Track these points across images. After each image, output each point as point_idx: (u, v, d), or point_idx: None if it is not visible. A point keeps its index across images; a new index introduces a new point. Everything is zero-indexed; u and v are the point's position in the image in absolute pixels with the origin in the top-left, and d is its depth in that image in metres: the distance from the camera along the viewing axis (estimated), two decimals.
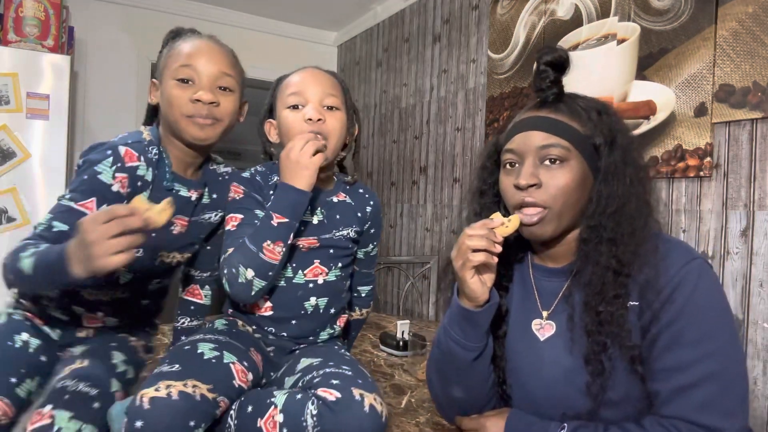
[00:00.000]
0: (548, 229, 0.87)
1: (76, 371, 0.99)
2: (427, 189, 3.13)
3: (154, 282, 1.21)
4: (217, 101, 1.08)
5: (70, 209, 1.05)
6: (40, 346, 1.12)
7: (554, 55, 0.88)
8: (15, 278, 0.97)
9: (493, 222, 0.85)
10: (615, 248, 0.83)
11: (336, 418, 0.87)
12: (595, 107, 0.90)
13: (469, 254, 0.83)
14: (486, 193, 0.98)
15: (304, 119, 1.11)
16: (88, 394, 0.94)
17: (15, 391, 1.03)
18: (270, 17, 3.90)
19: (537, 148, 0.86)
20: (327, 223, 1.18)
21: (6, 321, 1.15)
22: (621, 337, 0.82)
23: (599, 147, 0.86)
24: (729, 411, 0.78)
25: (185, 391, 0.86)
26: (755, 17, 1.60)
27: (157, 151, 1.12)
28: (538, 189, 0.85)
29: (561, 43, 2.25)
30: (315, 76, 1.16)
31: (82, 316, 1.16)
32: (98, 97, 3.42)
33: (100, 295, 1.14)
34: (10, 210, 2.65)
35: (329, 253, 1.18)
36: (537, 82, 0.90)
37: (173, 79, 1.08)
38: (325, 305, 1.17)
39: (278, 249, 1.03)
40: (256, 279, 1.03)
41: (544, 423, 0.89)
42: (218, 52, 1.12)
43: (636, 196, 0.85)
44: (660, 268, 0.81)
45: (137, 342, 1.21)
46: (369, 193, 1.28)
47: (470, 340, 0.90)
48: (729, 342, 0.81)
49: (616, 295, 0.82)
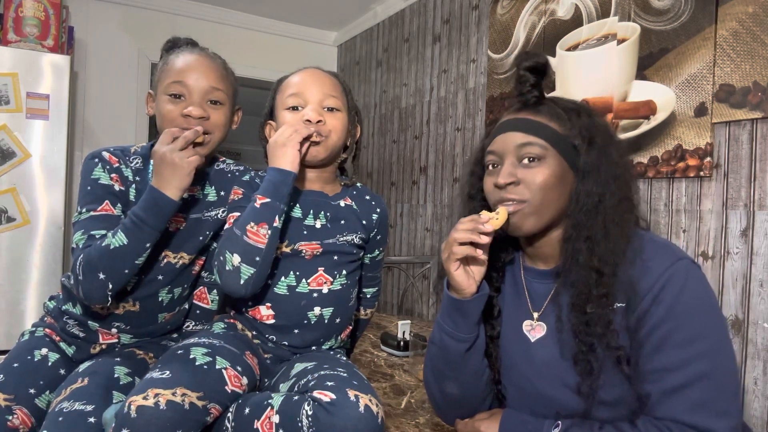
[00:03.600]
0: (528, 222, 0.88)
1: (75, 391, 1.02)
2: (427, 189, 3.13)
3: (164, 291, 1.19)
4: (207, 115, 1.13)
5: (94, 217, 1.10)
6: (58, 360, 1.17)
7: (533, 60, 0.90)
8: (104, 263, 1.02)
9: (482, 218, 0.87)
10: (593, 246, 0.84)
11: (331, 419, 0.86)
12: (574, 108, 0.92)
13: (454, 247, 0.86)
14: (474, 197, 1.00)
15: (302, 120, 1.10)
16: (83, 411, 0.98)
17: (34, 402, 1.08)
18: (270, 17, 3.90)
19: (515, 147, 0.88)
20: (331, 228, 1.15)
21: (28, 338, 1.21)
22: (607, 337, 0.82)
23: (578, 146, 0.88)
24: (721, 411, 0.78)
25: (173, 400, 0.86)
26: (755, 17, 1.60)
27: (141, 162, 1.18)
28: (517, 186, 0.87)
29: (561, 43, 2.25)
30: (315, 77, 1.15)
31: (98, 331, 1.18)
32: (98, 96, 3.42)
33: (112, 308, 1.15)
34: (10, 210, 2.65)
35: (333, 260, 1.15)
36: (518, 87, 0.93)
37: (165, 95, 1.13)
38: (330, 315, 1.14)
39: (262, 231, 1.01)
40: (243, 265, 1.00)
41: (538, 421, 0.89)
42: (208, 67, 1.16)
43: (612, 193, 0.86)
44: (645, 268, 0.82)
45: (145, 354, 1.21)
46: (376, 200, 1.25)
47: (461, 330, 0.91)
48: (719, 341, 0.81)
49: (600, 295, 0.83)
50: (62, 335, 1.21)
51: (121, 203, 1.13)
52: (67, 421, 0.96)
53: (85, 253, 1.04)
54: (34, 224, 2.70)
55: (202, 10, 3.71)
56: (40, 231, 2.72)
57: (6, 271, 2.66)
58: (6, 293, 2.65)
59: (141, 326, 1.21)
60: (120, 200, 1.13)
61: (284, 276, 1.11)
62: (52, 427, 0.95)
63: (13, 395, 1.06)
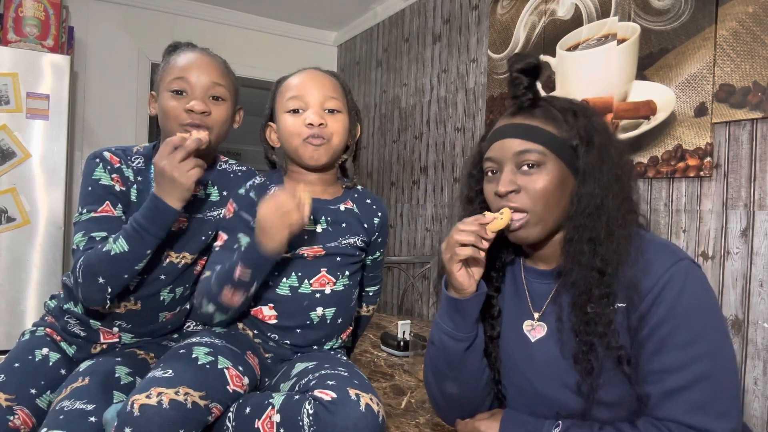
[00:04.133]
0: (533, 232, 0.88)
1: (75, 390, 1.02)
2: (427, 189, 3.13)
3: (166, 291, 1.19)
4: (208, 110, 1.14)
5: (94, 219, 1.11)
6: (59, 359, 1.18)
7: (525, 62, 0.89)
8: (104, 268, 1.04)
9: (485, 218, 0.86)
10: (597, 247, 0.84)
11: (332, 417, 0.86)
12: (570, 109, 0.91)
13: (456, 248, 0.86)
14: (473, 200, 1.00)
15: (304, 124, 1.10)
16: (84, 410, 0.98)
17: (35, 402, 1.08)
18: (270, 17, 3.90)
19: (513, 154, 0.88)
20: (332, 231, 1.14)
21: (29, 338, 1.21)
22: (607, 337, 0.82)
23: (576, 148, 0.88)
24: (721, 412, 0.78)
25: (176, 399, 0.86)
26: (755, 17, 1.60)
27: (143, 162, 1.19)
28: (518, 194, 0.87)
29: (561, 43, 2.25)
30: (315, 79, 1.14)
31: (99, 330, 1.19)
32: (98, 96, 3.42)
33: (113, 307, 1.16)
34: (10, 210, 2.65)
35: (336, 261, 1.14)
36: (512, 90, 0.92)
37: (168, 91, 1.15)
38: (332, 315, 1.14)
39: (238, 297, 1.02)
40: (217, 313, 1.06)
41: (539, 422, 0.89)
42: (209, 64, 1.17)
43: (615, 195, 0.86)
44: (646, 268, 0.82)
45: (146, 354, 1.22)
46: (377, 204, 1.24)
47: (460, 330, 0.91)
48: (719, 343, 0.81)
49: (601, 295, 0.83)
50: (63, 335, 1.21)
51: (121, 204, 1.13)
52: (67, 420, 0.96)
53: (86, 256, 1.05)
54: (34, 224, 2.70)
55: (202, 10, 3.71)
56: (40, 231, 2.72)
57: (6, 271, 2.66)
58: (6, 293, 2.65)
59: (142, 325, 1.21)
60: (121, 201, 1.13)
61: (286, 277, 1.11)
62: (53, 425, 0.95)
63: (14, 395, 1.06)
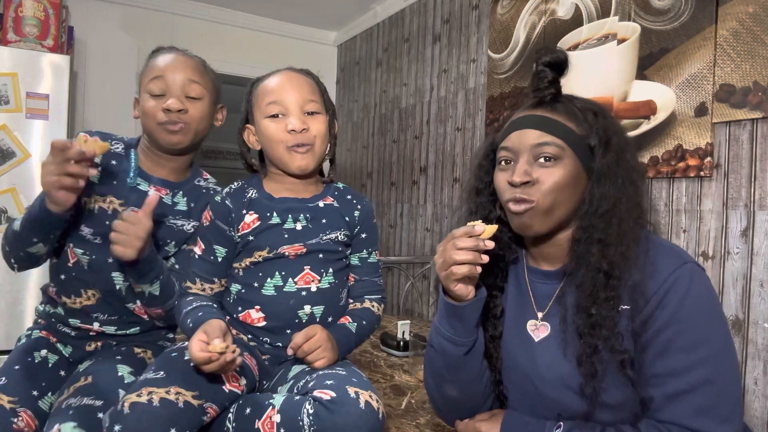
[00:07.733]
0: (534, 222, 0.87)
1: (80, 388, 1.03)
2: (427, 189, 3.13)
3: (119, 279, 1.18)
4: (185, 108, 1.16)
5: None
6: (58, 361, 1.19)
7: (553, 56, 0.88)
8: (10, 242, 1.13)
9: (476, 230, 0.84)
10: (605, 249, 0.83)
11: (332, 416, 0.86)
12: (591, 109, 0.90)
13: (453, 267, 0.83)
14: (482, 191, 0.98)
15: (287, 130, 1.09)
16: (92, 406, 0.98)
17: (37, 403, 1.08)
18: (270, 17, 3.90)
19: (532, 146, 0.87)
20: (312, 228, 1.14)
21: (26, 341, 1.22)
22: (611, 340, 0.82)
23: (594, 148, 0.87)
24: (723, 416, 0.78)
25: (167, 398, 0.87)
26: (755, 17, 1.60)
27: (122, 149, 1.22)
28: (531, 186, 0.86)
29: (561, 43, 2.25)
30: (292, 82, 1.13)
31: (81, 327, 1.19)
32: (98, 96, 3.42)
33: (82, 300, 1.18)
34: (10, 210, 2.65)
35: (319, 258, 1.14)
36: (535, 82, 0.91)
37: (146, 92, 1.17)
38: (321, 313, 1.13)
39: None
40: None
41: (540, 423, 0.89)
42: (185, 63, 1.19)
43: (627, 198, 0.85)
44: (650, 271, 0.81)
45: (144, 353, 1.22)
46: (357, 198, 1.22)
47: (459, 335, 0.90)
48: (722, 347, 0.81)
49: (607, 298, 0.82)
50: (57, 336, 1.23)
51: None
52: (78, 413, 0.96)
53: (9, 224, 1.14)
54: None
55: (202, 10, 3.71)
56: None
57: (6, 271, 2.64)
58: (6, 293, 2.65)
59: (116, 315, 1.21)
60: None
61: (270, 277, 1.11)
62: (63, 419, 0.94)
63: (17, 397, 1.06)
